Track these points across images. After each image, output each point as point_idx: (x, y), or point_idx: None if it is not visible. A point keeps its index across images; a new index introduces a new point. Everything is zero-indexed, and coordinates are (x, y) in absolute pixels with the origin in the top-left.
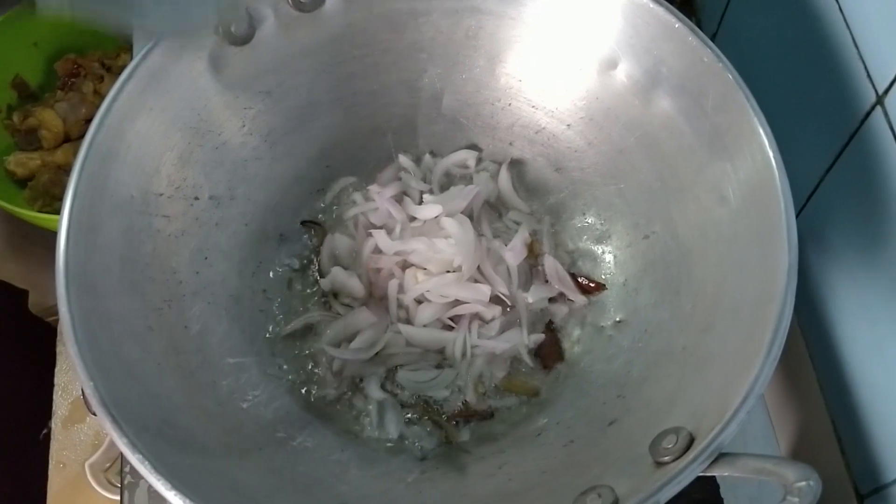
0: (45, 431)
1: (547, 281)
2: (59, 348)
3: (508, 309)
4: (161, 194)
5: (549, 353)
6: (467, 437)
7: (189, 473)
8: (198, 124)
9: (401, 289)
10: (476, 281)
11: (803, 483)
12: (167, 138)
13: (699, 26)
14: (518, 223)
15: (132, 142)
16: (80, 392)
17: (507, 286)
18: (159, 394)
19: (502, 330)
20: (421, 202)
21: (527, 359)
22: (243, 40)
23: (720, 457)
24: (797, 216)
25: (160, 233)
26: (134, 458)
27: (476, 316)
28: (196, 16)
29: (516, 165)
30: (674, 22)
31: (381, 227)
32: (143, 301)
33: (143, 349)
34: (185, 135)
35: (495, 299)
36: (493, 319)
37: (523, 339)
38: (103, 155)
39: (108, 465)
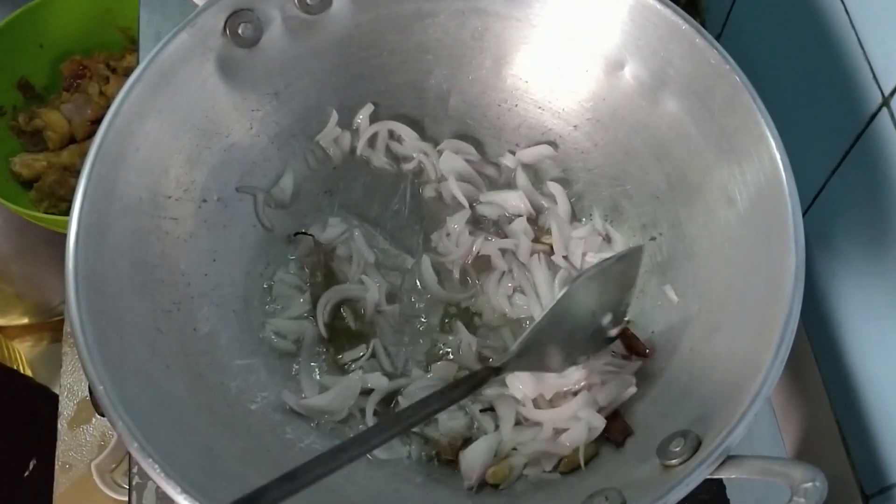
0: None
1: None
2: (64, 349)
3: None
4: (170, 196)
5: (617, 428)
6: None
7: (198, 475)
8: (206, 126)
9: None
10: None
11: (809, 484)
12: (175, 140)
13: (704, 27)
14: None
15: (141, 144)
16: (87, 392)
17: None
18: (168, 396)
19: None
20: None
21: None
22: (251, 42)
23: (727, 459)
24: (803, 216)
25: (169, 235)
26: (144, 461)
27: None
28: None
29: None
30: (681, 23)
31: None
32: (151, 303)
33: (151, 351)
34: (193, 136)
35: None
36: None
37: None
38: (112, 157)
39: (114, 465)
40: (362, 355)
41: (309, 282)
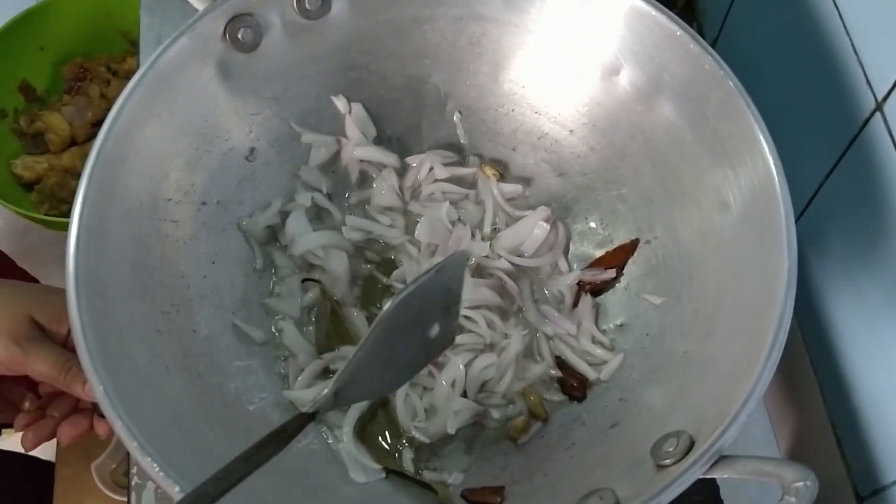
0: None
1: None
2: None
3: None
4: (170, 199)
5: (572, 381)
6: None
7: (197, 475)
8: (206, 130)
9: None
10: None
11: (801, 483)
12: (175, 144)
13: (700, 32)
14: None
15: (141, 148)
16: None
17: None
18: (168, 396)
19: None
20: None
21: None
22: (250, 47)
23: (720, 459)
24: (798, 220)
25: (169, 238)
26: (143, 461)
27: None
28: None
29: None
30: (675, 29)
31: None
32: (152, 305)
33: (151, 353)
34: (193, 140)
35: None
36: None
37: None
38: (112, 161)
39: (113, 466)
40: None
41: (315, 338)
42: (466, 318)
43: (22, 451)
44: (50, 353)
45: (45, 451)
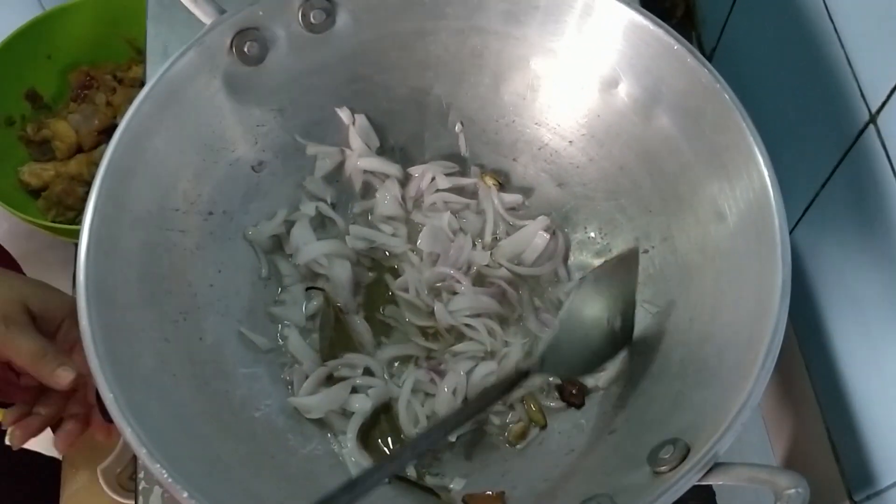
0: None
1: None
2: None
3: None
4: (177, 209)
5: (571, 389)
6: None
7: (204, 480)
8: (212, 141)
9: None
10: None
11: (793, 490)
12: (183, 155)
13: (699, 41)
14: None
15: (149, 159)
16: (94, 398)
17: None
18: (175, 403)
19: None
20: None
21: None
22: (257, 60)
23: (715, 466)
24: (794, 229)
25: (177, 247)
26: (153, 467)
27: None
28: None
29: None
30: (673, 43)
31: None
32: (159, 313)
33: (159, 360)
34: (200, 152)
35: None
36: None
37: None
38: (122, 172)
39: (119, 469)
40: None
41: (319, 346)
42: (467, 325)
43: (17, 449)
44: (30, 340)
45: (52, 448)
